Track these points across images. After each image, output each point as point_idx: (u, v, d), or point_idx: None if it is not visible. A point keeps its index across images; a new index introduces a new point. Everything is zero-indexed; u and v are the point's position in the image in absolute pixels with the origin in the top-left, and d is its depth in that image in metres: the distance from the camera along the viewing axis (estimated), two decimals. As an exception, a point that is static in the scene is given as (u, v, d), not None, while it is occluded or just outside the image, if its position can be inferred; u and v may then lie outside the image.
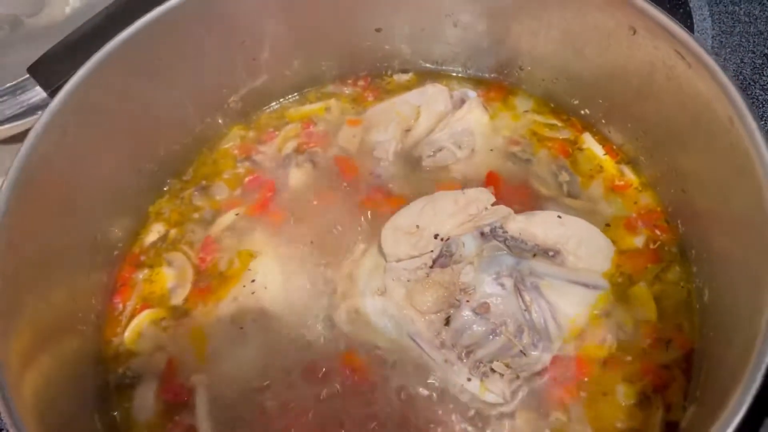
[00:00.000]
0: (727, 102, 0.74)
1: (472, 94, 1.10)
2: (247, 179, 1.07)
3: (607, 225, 0.96)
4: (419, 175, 1.05)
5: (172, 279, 0.99)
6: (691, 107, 0.82)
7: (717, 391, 0.69)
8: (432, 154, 1.05)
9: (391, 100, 1.13)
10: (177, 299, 0.97)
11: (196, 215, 1.04)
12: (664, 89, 0.86)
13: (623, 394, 0.83)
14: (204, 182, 1.08)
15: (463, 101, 1.08)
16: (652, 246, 0.94)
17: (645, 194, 0.98)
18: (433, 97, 1.09)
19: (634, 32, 0.86)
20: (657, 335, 0.86)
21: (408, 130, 1.08)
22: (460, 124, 1.05)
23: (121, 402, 0.90)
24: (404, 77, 1.16)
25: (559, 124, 1.07)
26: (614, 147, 1.03)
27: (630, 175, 1.00)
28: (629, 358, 0.85)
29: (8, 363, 0.72)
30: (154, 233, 1.04)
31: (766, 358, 0.61)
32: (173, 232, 1.03)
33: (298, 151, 1.09)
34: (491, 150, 1.05)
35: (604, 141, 1.04)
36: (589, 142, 1.04)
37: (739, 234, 0.76)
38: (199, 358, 0.91)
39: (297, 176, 1.06)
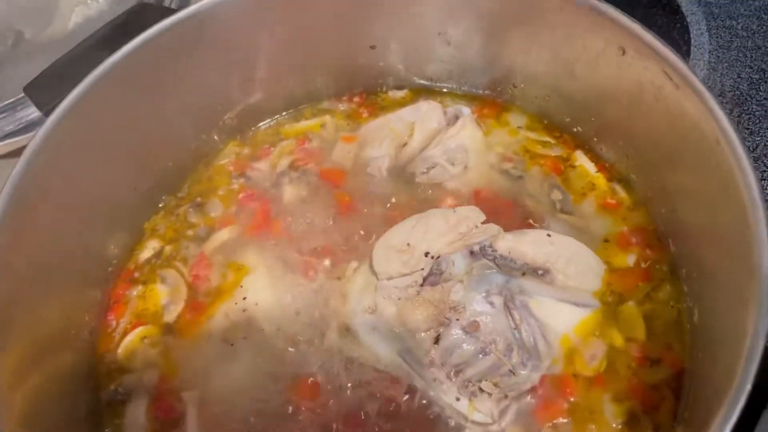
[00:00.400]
0: (713, 122, 0.74)
1: (465, 111, 1.10)
2: (241, 195, 1.08)
3: (606, 240, 0.96)
4: (412, 191, 1.05)
5: (165, 296, 0.99)
6: (678, 127, 0.82)
7: (703, 412, 0.69)
8: (425, 170, 1.05)
9: (385, 116, 1.13)
10: (170, 316, 0.97)
11: (190, 232, 1.05)
12: (653, 109, 0.86)
13: (612, 413, 0.83)
14: (199, 199, 1.09)
15: (456, 117, 1.09)
16: (643, 265, 0.93)
17: (636, 213, 0.98)
18: (427, 113, 1.10)
19: (624, 53, 0.86)
20: (646, 354, 0.86)
21: (402, 146, 1.08)
22: (453, 140, 1.06)
23: (112, 419, 0.90)
24: (399, 94, 1.17)
25: (552, 141, 1.07)
26: (606, 165, 1.03)
27: (621, 193, 1.00)
28: (618, 377, 0.85)
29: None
30: (149, 249, 1.04)
31: (749, 380, 0.61)
32: (168, 248, 1.04)
33: (292, 167, 1.10)
34: (484, 166, 1.05)
35: (596, 159, 1.04)
36: (582, 159, 1.04)
37: (725, 253, 0.76)
38: (190, 375, 0.91)
39: (291, 193, 1.07)
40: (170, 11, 0.95)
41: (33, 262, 0.84)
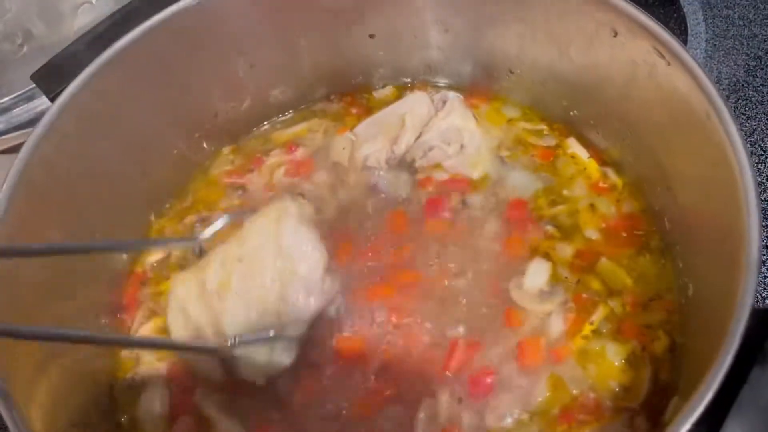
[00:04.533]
0: (703, 96, 0.76)
1: (452, 94, 1.12)
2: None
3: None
4: (415, 177, 1.07)
5: None
6: (670, 103, 0.83)
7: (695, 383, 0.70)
8: (423, 154, 1.07)
9: (375, 115, 1.14)
10: None
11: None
12: (647, 88, 0.87)
13: (614, 352, 0.86)
14: (204, 213, 1.08)
15: (444, 102, 1.10)
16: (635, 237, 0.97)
17: (629, 195, 1.00)
18: (416, 103, 1.11)
19: (615, 34, 0.87)
20: (636, 299, 0.90)
21: (396, 139, 1.09)
22: (444, 123, 1.07)
23: (128, 408, 0.92)
24: (385, 92, 1.19)
25: (545, 129, 1.09)
26: (600, 149, 1.05)
27: (614, 177, 1.02)
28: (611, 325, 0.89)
29: (15, 378, 0.73)
30: (157, 254, 1.05)
31: (738, 336, 0.62)
32: (175, 254, 1.04)
33: (286, 175, 1.10)
34: (482, 148, 1.07)
35: (589, 144, 1.05)
36: (574, 146, 1.06)
37: (718, 227, 0.77)
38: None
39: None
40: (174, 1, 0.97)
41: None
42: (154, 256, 1.05)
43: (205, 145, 1.12)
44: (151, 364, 0.95)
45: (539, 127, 1.10)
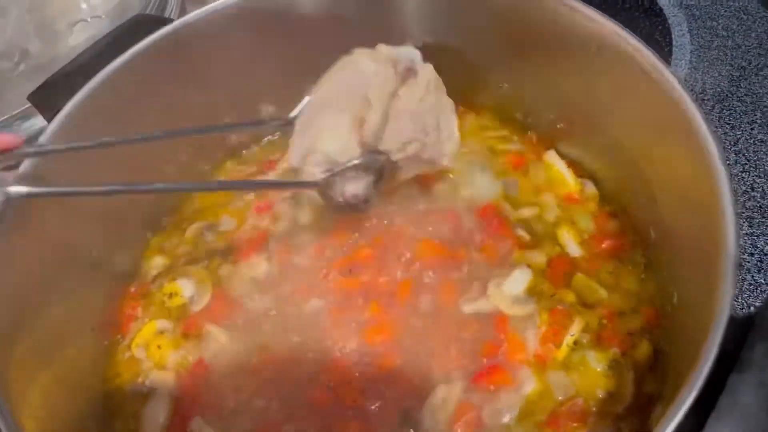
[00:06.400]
0: (683, 112, 0.79)
1: (416, 55, 0.94)
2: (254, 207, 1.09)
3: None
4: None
5: (189, 290, 1.02)
6: (652, 118, 0.86)
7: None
8: (401, 147, 0.92)
9: (318, 91, 0.94)
10: (197, 307, 1.00)
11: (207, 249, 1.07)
12: (630, 102, 0.90)
13: (594, 359, 0.88)
14: (211, 219, 1.10)
15: (410, 70, 0.92)
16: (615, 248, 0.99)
17: (609, 206, 1.03)
18: (378, 76, 0.90)
19: (599, 49, 0.90)
20: (612, 309, 0.93)
21: (362, 124, 0.89)
22: (417, 103, 0.91)
23: (127, 416, 0.92)
24: None
25: (518, 140, 1.12)
26: (579, 161, 1.07)
27: (592, 188, 1.05)
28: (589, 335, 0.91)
29: (9, 380, 0.74)
30: (157, 267, 1.06)
31: (716, 344, 0.63)
32: (182, 261, 1.06)
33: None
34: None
35: (568, 155, 1.08)
36: (552, 158, 1.08)
37: (698, 231, 0.78)
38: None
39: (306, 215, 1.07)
40: (169, 21, 1.00)
41: (39, 263, 0.87)
42: (154, 270, 1.06)
43: (205, 162, 1.15)
44: (158, 373, 0.95)
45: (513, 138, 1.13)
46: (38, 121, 1.19)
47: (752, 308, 1.07)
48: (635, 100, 0.88)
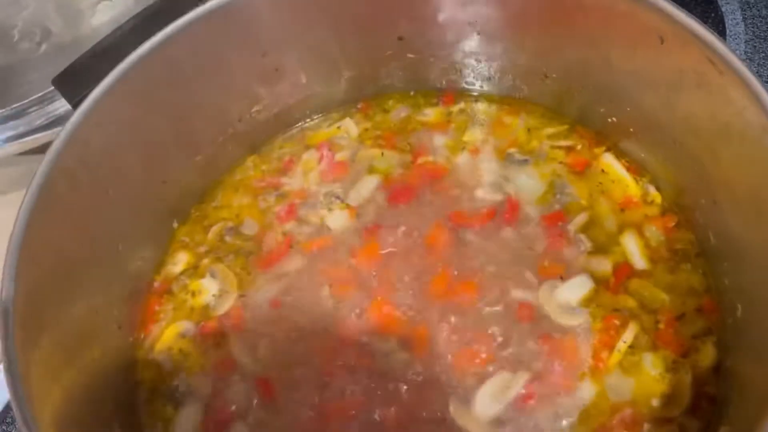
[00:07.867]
0: (759, 110, 0.72)
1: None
2: (277, 209, 1.06)
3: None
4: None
5: (214, 288, 0.99)
6: (721, 115, 0.79)
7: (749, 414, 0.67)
8: None
9: None
10: (221, 309, 0.97)
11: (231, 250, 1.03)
12: (694, 97, 0.83)
13: (651, 363, 0.85)
14: (231, 222, 1.06)
15: None
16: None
17: (668, 208, 0.97)
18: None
19: (663, 41, 0.83)
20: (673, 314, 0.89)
21: None
22: None
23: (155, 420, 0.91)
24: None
25: (575, 136, 1.06)
26: (636, 159, 1.01)
27: (653, 190, 0.99)
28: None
29: (29, 377, 0.71)
30: (180, 264, 1.03)
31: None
32: (206, 261, 1.02)
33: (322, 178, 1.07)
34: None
35: (625, 154, 1.02)
36: (609, 159, 1.02)
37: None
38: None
39: (335, 220, 1.03)
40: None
41: (61, 259, 0.83)
42: (178, 266, 1.02)
43: (230, 149, 1.09)
44: (186, 378, 0.93)
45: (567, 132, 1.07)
46: (61, 104, 1.14)
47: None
48: (702, 95, 0.81)
